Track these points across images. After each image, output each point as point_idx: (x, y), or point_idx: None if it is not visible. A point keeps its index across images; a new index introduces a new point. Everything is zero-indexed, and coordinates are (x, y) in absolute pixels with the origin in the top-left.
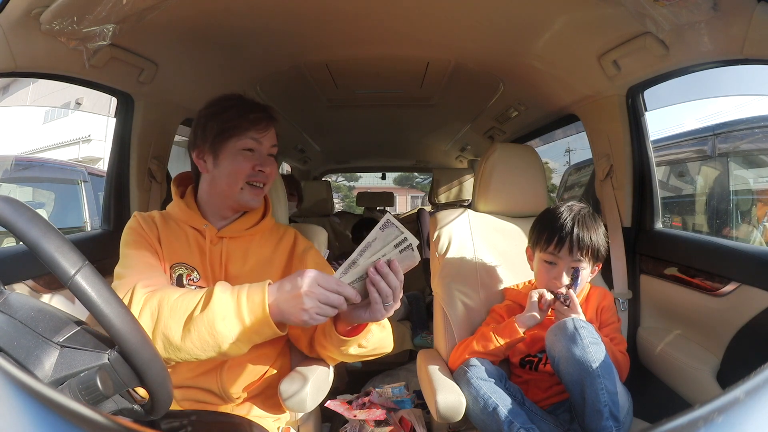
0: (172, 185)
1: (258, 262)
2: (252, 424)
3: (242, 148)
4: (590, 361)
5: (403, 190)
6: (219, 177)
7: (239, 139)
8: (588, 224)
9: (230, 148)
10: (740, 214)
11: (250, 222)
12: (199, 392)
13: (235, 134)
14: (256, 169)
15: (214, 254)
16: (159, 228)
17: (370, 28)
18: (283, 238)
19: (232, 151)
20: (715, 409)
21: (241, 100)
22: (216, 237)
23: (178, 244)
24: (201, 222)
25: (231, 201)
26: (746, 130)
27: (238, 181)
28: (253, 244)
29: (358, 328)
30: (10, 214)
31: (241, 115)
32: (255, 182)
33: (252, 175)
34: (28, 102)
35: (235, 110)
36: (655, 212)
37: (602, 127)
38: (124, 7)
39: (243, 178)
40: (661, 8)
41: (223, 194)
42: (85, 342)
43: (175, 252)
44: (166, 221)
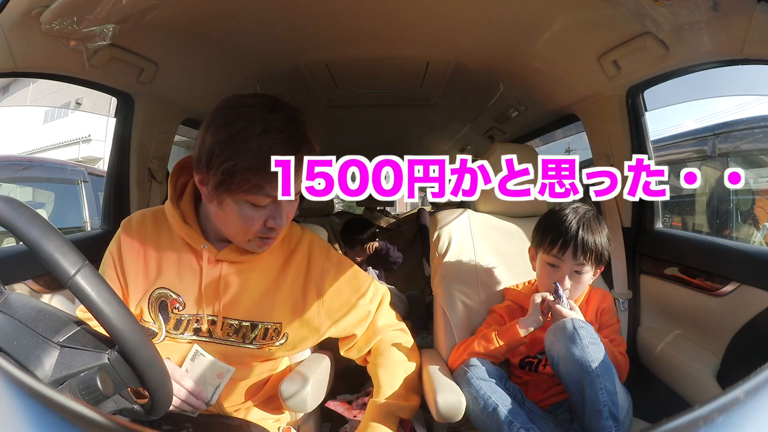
0: (170, 180)
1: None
2: (251, 426)
3: (253, 204)
4: (589, 361)
5: None
6: (223, 219)
7: (249, 194)
8: (593, 227)
9: (236, 198)
10: (740, 215)
11: None
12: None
13: (244, 189)
14: (267, 226)
15: (210, 279)
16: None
17: (370, 28)
18: (295, 252)
19: (239, 203)
20: (715, 409)
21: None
22: (214, 260)
23: (166, 264)
24: (198, 241)
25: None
26: (746, 130)
27: (245, 236)
28: (258, 265)
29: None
30: (10, 214)
31: (257, 169)
32: (265, 236)
33: (262, 232)
34: (28, 102)
35: (251, 155)
36: (655, 212)
37: (602, 127)
38: (124, 7)
39: (251, 233)
40: (661, 8)
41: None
42: (85, 342)
43: (161, 272)
44: (159, 229)
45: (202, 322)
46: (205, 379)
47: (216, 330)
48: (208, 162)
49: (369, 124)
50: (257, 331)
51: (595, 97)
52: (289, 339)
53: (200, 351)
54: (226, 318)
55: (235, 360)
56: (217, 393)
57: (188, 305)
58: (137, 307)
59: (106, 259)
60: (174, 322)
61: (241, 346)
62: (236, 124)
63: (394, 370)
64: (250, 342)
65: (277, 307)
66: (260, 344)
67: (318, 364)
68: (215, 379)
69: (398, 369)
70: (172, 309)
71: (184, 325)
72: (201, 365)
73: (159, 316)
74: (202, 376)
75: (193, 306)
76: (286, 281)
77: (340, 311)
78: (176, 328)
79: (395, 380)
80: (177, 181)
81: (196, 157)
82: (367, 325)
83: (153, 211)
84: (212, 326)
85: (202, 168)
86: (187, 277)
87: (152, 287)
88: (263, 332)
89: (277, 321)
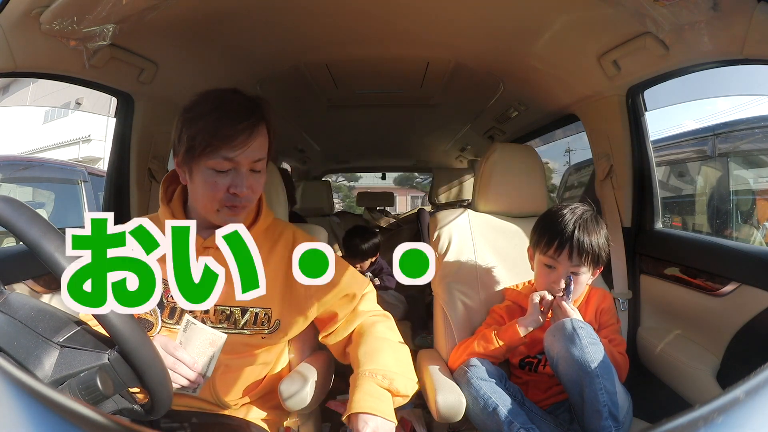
0: (161, 186)
1: None
2: (251, 425)
3: (214, 169)
4: (589, 362)
5: (403, 190)
6: (195, 193)
7: (209, 158)
8: (590, 228)
9: (201, 166)
10: (740, 214)
11: None
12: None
13: (205, 153)
14: (230, 192)
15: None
16: None
17: (370, 28)
18: (279, 240)
19: (203, 171)
20: (715, 409)
21: (219, 104)
22: (201, 247)
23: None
24: None
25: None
26: (746, 130)
27: (212, 203)
28: None
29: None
30: (10, 214)
31: (212, 131)
32: (231, 205)
33: (227, 199)
34: (28, 102)
35: (207, 121)
36: (655, 212)
37: (602, 127)
38: (124, 7)
39: (217, 201)
40: (661, 8)
41: (201, 210)
42: (85, 342)
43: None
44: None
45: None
46: (198, 349)
47: (208, 317)
48: (179, 138)
49: (369, 124)
50: (247, 316)
51: (595, 97)
52: (281, 325)
53: (191, 320)
54: (218, 305)
55: (229, 349)
56: (212, 364)
57: None
58: None
59: None
60: (169, 311)
61: (233, 333)
62: (199, 103)
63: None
64: (241, 327)
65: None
66: (252, 330)
67: (318, 364)
68: (209, 347)
69: (384, 345)
70: (166, 296)
71: (178, 313)
72: (193, 335)
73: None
74: (196, 346)
75: None
76: (271, 267)
77: (325, 289)
78: (171, 317)
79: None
80: (167, 188)
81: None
82: (351, 308)
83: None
84: (204, 314)
85: (176, 148)
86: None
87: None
88: (253, 317)
89: (266, 306)
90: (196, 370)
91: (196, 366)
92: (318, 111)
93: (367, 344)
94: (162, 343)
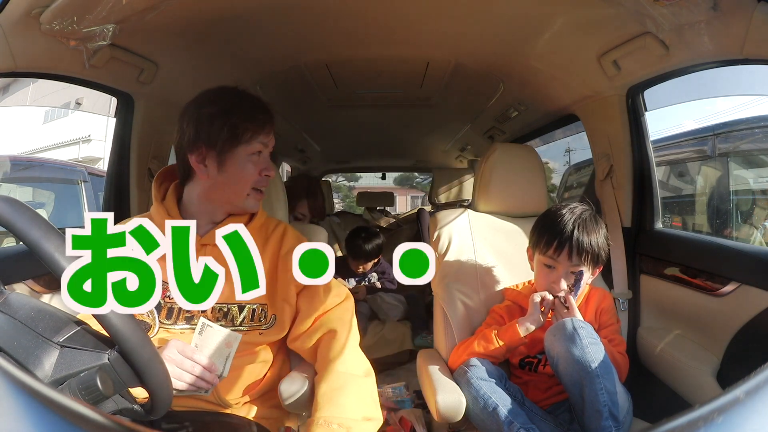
0: (153, 185)
1: None
2: (252, 424)
3: (251, 153)
4: (589, 362)
5: (403, 190)
6: (223, 184)
7: (249, 144)
8: (589, 228)
9: (240, 154)
10: (740, 214)
11: None
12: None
13: (245, 139)
14: (263, 174)
15: None
16: None
17: (370, 28)
18: (270, 238)
19: (242, 158)
20: (715, 409)
21: (243, 97)
22: (199, 245)
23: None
24: None
25: (232, 207)
26: (746, 130)
27: (245, 188)
28: None
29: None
30: (10, 214)
31: (250, 118)
32: (261, 187)
33: (259, 181)
34: (28, 102)
35: (242, 111)
36: (655, 212)
37: (602, 127)
38: (124, 7)
39: (251, 184)
40: (661, 8)
41: (223, 200)
42: (85, 342)
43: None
44: None
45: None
46: (215, 351)
47: (205, 315)
48: (209, 131)
49: (369, 124)
50: (245, 312)
51: (595, 97)
52: (277, 320)
53: (207, 323)
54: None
55: None
56: (228, 364)
57: None
58: None
59: None
60: (166, 311)
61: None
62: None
63: (341, 384)
64: (239, 324)
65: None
66: (249, 326)
67: None
68: (225, 348)
69: (346, 382)
70: (164, 297)
71: (175, 314)
72: (209, 337)
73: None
74: (212, 348)
75: None
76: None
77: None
78: (168, 318)
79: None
80: (160, 186)
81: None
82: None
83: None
84: (202, 312)
85: (200, 143)
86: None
87: None
88: (251, 314)
89: (262, 302)
90: (214, 370)
91: (214, 368)
92: (318, 111)
93: (329, 381)
94: (179, 349)
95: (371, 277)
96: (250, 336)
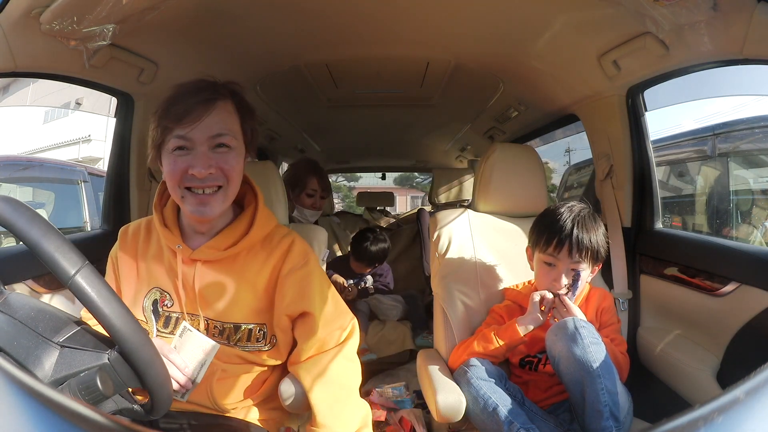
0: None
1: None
2: (251, 426)
3: (172, 150)
4: (590, 361)
5: (403, 190)
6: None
7: (166, 141)
8: (588, 225)
9: (165, 151)
10: (740, 214)
11: (228, 240)
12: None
13: (164, 135)
14: (188, 173)
15: (186, 280)
16: (140, 244)
17: (370, 28)
18: (274, 251)
19: (165, 156)
20: (715, 409)
21: (176, 90)
22: (189, 260)
23: (155, 265)
24: (174, 242)
25: (183, 211)
26: (746, 130)
27: (175, 189)
28: (235, 266)
29: None
30: (10, 214)
31: (165, 114)
32: (194, 187)
33: (186, 180)
34: (28, 102)
35: (162, 107)
36: (655, 212)
37: (602, 127)
38: (124, 7)
39: (176, 184)
40: (661, 8)
41: (175, 198)
42: (85, 342)
43: (152, 274)
44: (150, 234)
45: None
46: (191, 354)
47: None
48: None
49: (369, 124)
50: (241, 332)
51: (595, 97)
52: (278, 341)
53: (188, 327)
54: (210, 319)
55: (225, 358)
56: (203, 370)
57: (174, 303)
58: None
59: (108, 262)
60: (164, 320)
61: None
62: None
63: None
64: (235, 343)
65: (259, 308)
66: (246, 347)
67: None
68: (201, 355)
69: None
70: (162, 306)
71: (173, 323)
72: (188, 341)
73: (151, 316)
74: (189, 352)
75: (177, 305)
76: (263, 281)
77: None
78: (166, 326)
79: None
80: (163, 193)
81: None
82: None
83: (148, 219)
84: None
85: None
86: (170, 277)
87: (146, 288)
88: (247, 334)
89: (260, 322)
90: (186, 374)
91: (186, 370)
92: (318, 111)
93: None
94: (158, 345)
95: (366, 279)
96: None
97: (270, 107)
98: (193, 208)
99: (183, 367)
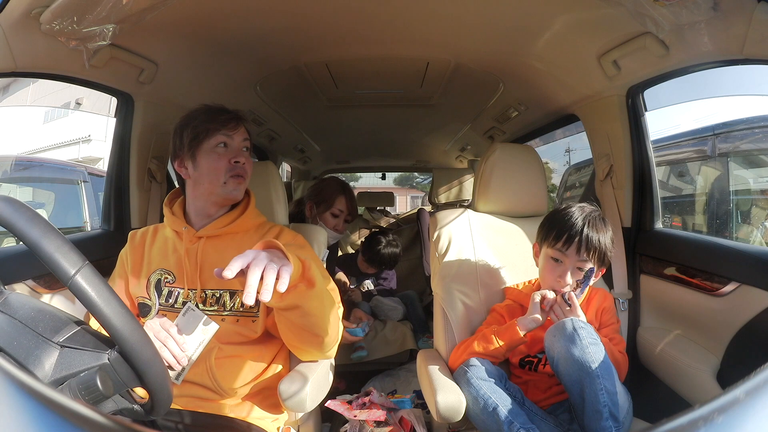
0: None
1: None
2: (251, 426)
3: (216, 145)
4: (589, 362)
5: (403, 190)
6: (201, 177)
7: (211, 138)
8: (598, 226)
9: (205, 148)
10: (740, 214)
11: (228, 219)
12: (193, 387)
13: (207, 136)
14: (232, 162)
15: (189, 255)
16: (147, 243)
17: (370, 28)
18: (266, 235)
19: (207, 151)
20: (715, 409)
21: (207, 107)
22: (194, 237)
23: (157, 252)
24: (181, 225)
25: (216, 197)
26: (746, 130)
27: (219, 176)
28: (233, 242)
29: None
30: (10, 214)
31: (209, 119)
32: (236, 173)
33: (230, 169)
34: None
35: (203, 115)
36: (655, 212)
37: (602, 127)
38: (124, 7)
39: (223, 172)
40: (661, 8)
41: (207, 192)
42: (85, 342)
43: (154, 260)
44: (157, 233)
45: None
46: (192, 333)
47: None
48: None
49: (369, 124)
50: (236, 298)
51: (595, 97)
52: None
53: (192, 307)
54: (207, 289)
55: (223, 337)
56: (200, 349)
57: (177, 280)
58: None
59: (118, 262)
60: (165, 295)
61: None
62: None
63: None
64: (230, 309)
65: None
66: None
67: (318, 364)
68: (200, 334)
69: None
70: (164, 283)
71: (173, 297)
72: (190, 319)
73: (154, 292)
74: (189, 330)
75: (179, 280)
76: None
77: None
78: (167, 300)
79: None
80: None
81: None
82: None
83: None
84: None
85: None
86: (174, 256)
87: (150, 272)
88: (241, 301)
89: None
90: (184, 350)
91: (184, 345)
92: (318, 111)
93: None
94: (161, 321)
95: (366, 283)
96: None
97: (270, 107)
98: (233, 189)
99: (181, 343)
